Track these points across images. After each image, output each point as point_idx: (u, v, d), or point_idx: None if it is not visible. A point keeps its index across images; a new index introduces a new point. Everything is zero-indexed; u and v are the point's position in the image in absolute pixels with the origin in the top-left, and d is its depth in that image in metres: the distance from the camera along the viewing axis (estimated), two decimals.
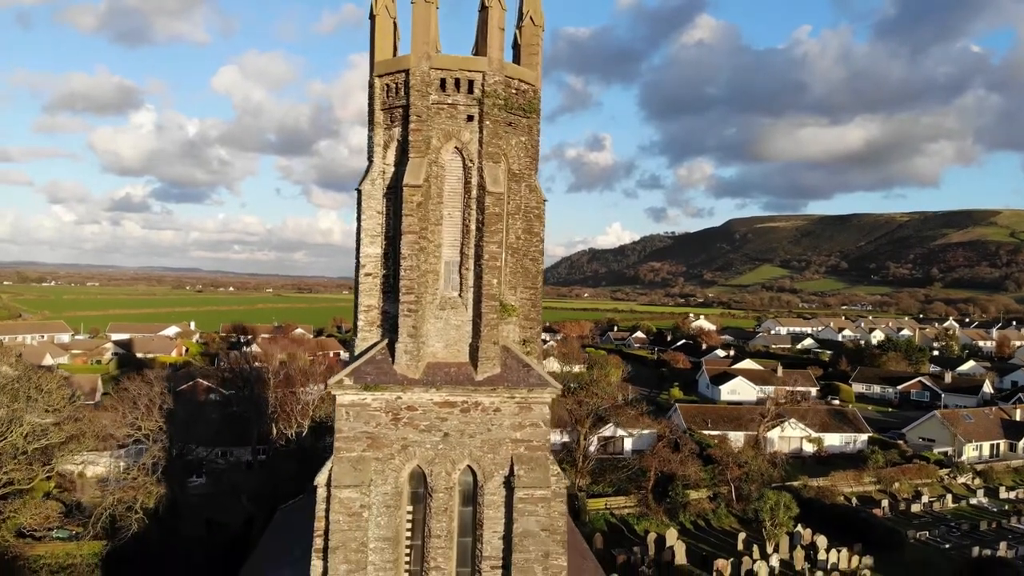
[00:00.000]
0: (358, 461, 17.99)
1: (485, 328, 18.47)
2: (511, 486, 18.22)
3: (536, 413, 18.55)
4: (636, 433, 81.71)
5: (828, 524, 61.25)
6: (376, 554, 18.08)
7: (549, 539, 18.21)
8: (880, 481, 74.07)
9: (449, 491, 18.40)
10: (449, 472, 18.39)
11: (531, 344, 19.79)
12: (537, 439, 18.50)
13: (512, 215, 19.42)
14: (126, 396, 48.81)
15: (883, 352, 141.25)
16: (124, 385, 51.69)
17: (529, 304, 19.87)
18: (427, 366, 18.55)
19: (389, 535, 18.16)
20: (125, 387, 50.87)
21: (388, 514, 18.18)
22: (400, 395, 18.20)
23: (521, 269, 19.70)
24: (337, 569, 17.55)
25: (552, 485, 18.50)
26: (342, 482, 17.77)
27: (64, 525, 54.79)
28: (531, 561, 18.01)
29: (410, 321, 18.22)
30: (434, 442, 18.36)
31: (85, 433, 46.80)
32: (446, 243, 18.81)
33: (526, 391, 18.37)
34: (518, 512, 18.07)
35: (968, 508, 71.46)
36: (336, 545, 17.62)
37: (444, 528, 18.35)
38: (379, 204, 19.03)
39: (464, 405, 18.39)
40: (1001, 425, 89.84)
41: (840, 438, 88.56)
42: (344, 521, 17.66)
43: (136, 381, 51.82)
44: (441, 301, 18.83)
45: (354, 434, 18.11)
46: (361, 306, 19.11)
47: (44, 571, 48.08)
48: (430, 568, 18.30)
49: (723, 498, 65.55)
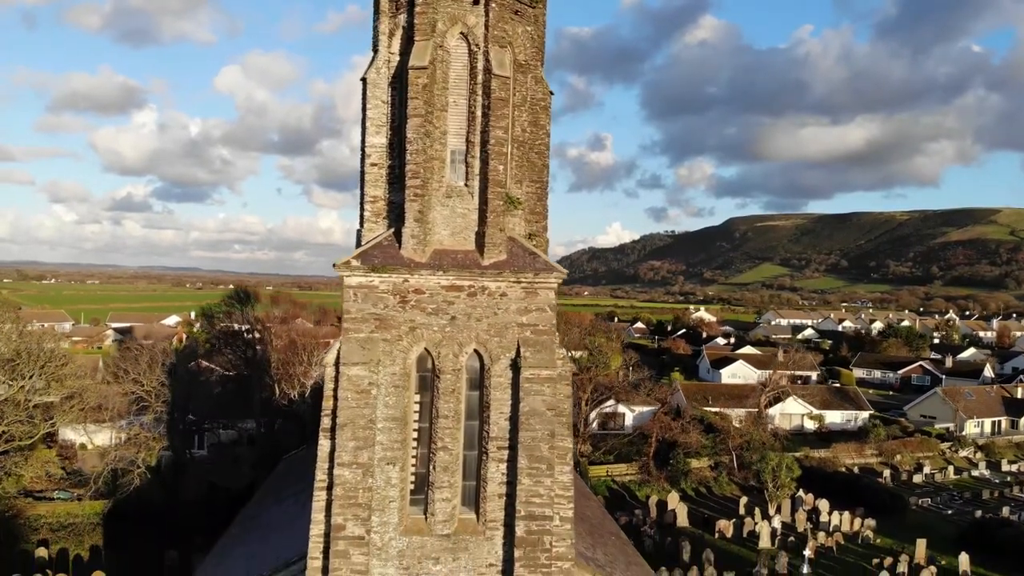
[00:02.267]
0: (366, 341, 18.14)
1: (491, 215, 18.61)
2: (517, 367, 18.37)
3: (542, 298, 18.69)
4: (637, 410, 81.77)
5: (830, 491, 61.47)
6: (384, 434, 18.20)
7: (555, 419, 18.35)
8: (882, 454, 74.30)
9: (456, 373, 18.55)
10: (456, 354, 18.54)
11: (537, 238, 19.92)
12: (543, 323, 18.64)
13: (518, 107, 19.57)
14: (128, 354, 48.96)
15: (884, 339, 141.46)
16: (127, 344, 51.91)
17: (535, 198, 20.01)
18: (433, 252, 18.70)
19: (397, 415, 18.30)
20: (127, 346, 51.05)
21: (396, 394, 18.31)
22: (407, 278, 18.33)
23: (527, 163, 19.84)
24: (345, 446, 17.69)
25: (558, 368, 18.64)
26: (350, 360, 17.91)
27: (65, 487, 54.96)
28: (537, 440, 18.13)
29: (416, 206, 18.35)
30: (441, 325, 18.50)
31: (87, 390, 46.92)
32: (451, 131, 18.95)
33: (532, 275, 18.51)
34: (524, 392, 18.21)
35: (970, 480, 71.61)
36: (344, 422, 17.76)
37: (451, 409, 18.50)
38: (384, 94, 19.16)
39: (471, 289, 18.54)
40: (1002, 402, 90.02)
41: (841, 415, 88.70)
42: (352, 398, 17.80)
43: (137, 342, 51.96)
44: (447, 189, 18.97)
45: (362, 315, 18.25)
46: (367, 197, 19.24)
47: (45, 529, 48.23)
48: (437, 449, 18.44)
49: (724, 467, 65.73)
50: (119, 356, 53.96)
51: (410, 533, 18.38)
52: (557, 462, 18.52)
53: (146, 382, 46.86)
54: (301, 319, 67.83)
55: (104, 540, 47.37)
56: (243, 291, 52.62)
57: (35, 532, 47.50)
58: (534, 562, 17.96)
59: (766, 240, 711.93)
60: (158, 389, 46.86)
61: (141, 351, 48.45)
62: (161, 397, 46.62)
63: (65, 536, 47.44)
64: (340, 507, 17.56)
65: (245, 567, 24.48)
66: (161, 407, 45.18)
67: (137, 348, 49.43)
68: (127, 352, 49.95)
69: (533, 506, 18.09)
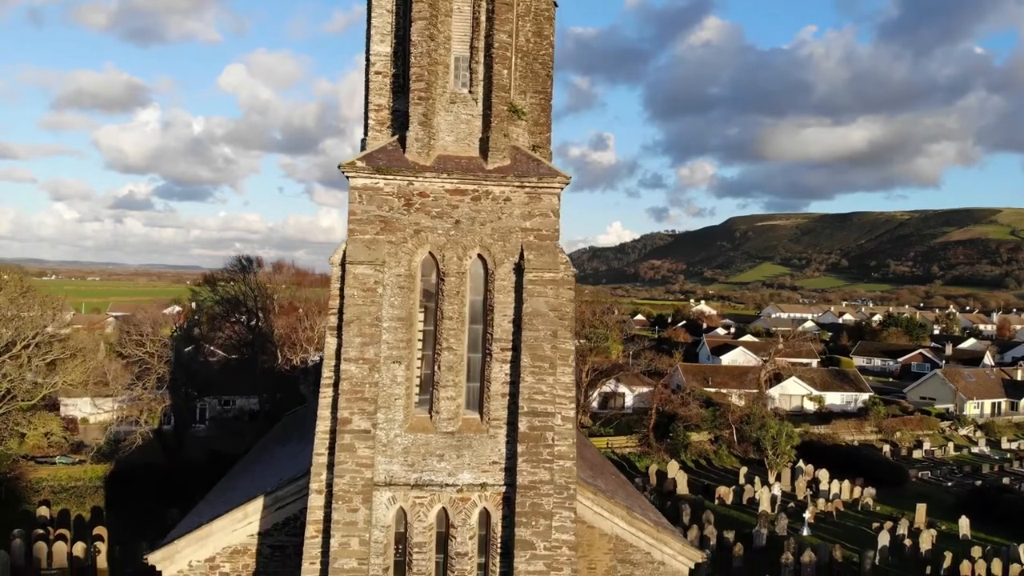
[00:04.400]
0: (371, 242, 18.38)
1: (495, 119, 18.84)
2: (521, 270, 18.61)
3: (546, 203, 18.93)
4: (637, 391, 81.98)
5: (830, 463, 61.64)
6: (389, 333, 18.45)
7: (558, 320, 18.60)
8: (881, 431, 74.51)
9: (460, 276, 18.80)
10: (460, 258, 18.78)
11: (541, 150, 20.16)
12: (547, 228, 18.88)
13: (521, 17, 19.81)
14: (130, 320, 49.16)
15: (884, 328, 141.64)
16: (131, 314, 52.18)
17: (539, 109, 20.26)
18: (437, 158, 18.95)
19: (402, 315, 18.56)
20: (132, 314, 51.34)
21: (401, 295, 18.57)
22: (411, 180, 18.58)
23: (531, 73, 20.09)
24: (351, 342, 17.93)
25: (561, 271, 18.87)
26: (356, 258, 18.16)
27: (67, 453, 55.14)
28: (540, 340, 18.38)
29: (420, 109, 18.59)
30: (446, 228, 18.74)
31: (87, 348, 47.09)
32: (455, 37, 19.19)
33: (536, 179, 18.75)
34: (528, 293, 18.47)
35: (970, 456, 71.74)
36: (351, 319, 18.00)
37: (456, 311, 18.74)
38: (389, 2, 19.41)
39: (475, 193, 18.78)
40: (1002, 384, 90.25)
41: (841, 397, 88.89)
42: (358, 296, 18.04)
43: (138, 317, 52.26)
44: (451, 95, 19.21)
45: (367, 217, 18.49)
46: (371, 105, 19.46)
47: (47, 491, 48.37)
48: (442, 349, 18.68)
49: (724, 440, 65.92)
50: (122, 322, 54.18)
51: (415, 431, 18.62)
52: (559, 363, 18.77)
53: (149, 345, 47.08)
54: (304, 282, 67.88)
55: (106, 502, 47.58)
56: (246, 258, 52.76)
57: (36, 494, 47.68)
58: (536, 457, 18.20)
59: (767, 239, 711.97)
60: (160, 351, 47.11)
61: (145, 315, 48.67)
62: (163, 358, 46.85)
63: (67, 498, 47.60)
64: (346, 401, 17.80)
65: (247, 492, 24.70)
66: (163, 368, 45.41)
67: (141, 315, 49.62)
68: (129, 320, 50.19)
69: (535, 403, 18.33)
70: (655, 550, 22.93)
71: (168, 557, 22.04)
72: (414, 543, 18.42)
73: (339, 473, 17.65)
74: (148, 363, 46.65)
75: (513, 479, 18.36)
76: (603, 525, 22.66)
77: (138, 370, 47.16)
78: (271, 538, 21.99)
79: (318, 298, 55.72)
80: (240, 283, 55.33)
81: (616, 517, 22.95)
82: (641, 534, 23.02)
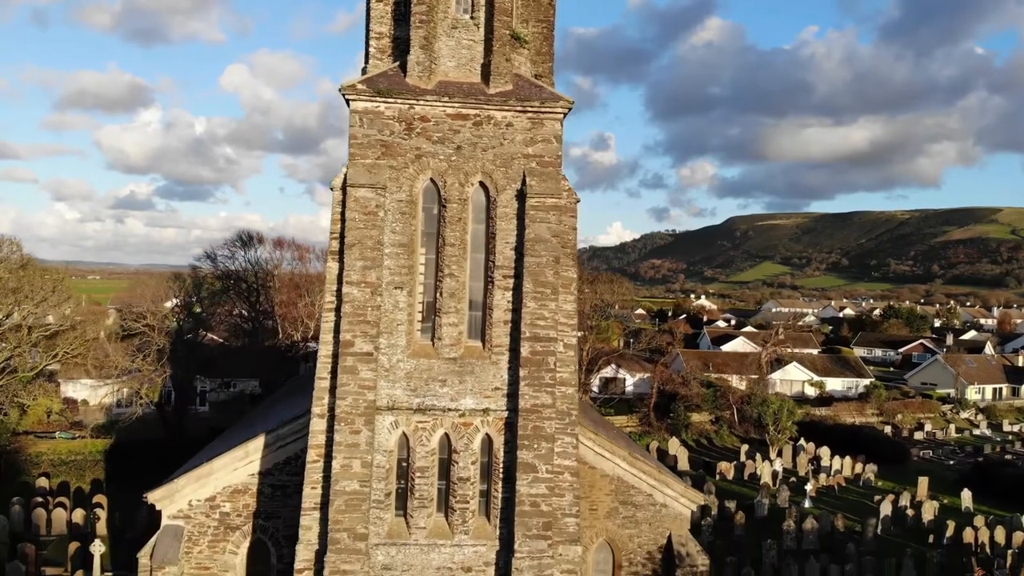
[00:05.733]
0: (372, 167, 18.29)
1: (497, 43, 18.75)
2: (523, 196, 18.50)
3: (548, 129, 18.83)
4: (637, 376, 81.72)
5: (831, 442, 61.30)
6: (391, 259, 18.35)
7: (560, 248, 18.52)
8: (882, 413, 74.19)
9: (462, 203, 18.71)
10: (462, 184, 18.69)
11: (544, 79, 20.05)
12: (549, 155, 18.79)
13: None
14: (131, 293, 49.01)
15: (884, 320, 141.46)
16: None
17: (541, 39, 20.17)
18: (439, 82, 18.86)
19: (404, 241, 18.47)
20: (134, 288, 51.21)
21: (403, 221, 18.48)
22: (412, 104, 18.48)
23: (533, 1, 19.98)
24: (353, 265, 17.83)
25: (563, 198, 18.78)
26: (357, 181, 18.07)
27: (67, 429, 54.97)
28: (542, 265, 18.28)
29: (421, 32, 18.50)
30: (447, 154, 18.64)
31: (86, 322, 46.92)
32: None
33: (538, 104, 18.66)
34: (530, 219, 18.37)
35: (971, 438, 71.53)
36: (352, 242, 17.89)
37: (458, 238, 18.65)
38: None
39: (476, 118, 18.69)
40: (1003, 370, 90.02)
41: (842, 382, 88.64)
42: (360, 219, 17.94)
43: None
44: (452, 21, 19.13)
45: (368, 141, 18.39)
46: (372, 33, 19.37)
47: (46, 464, 48.20)
48: (444, 276, 18.59)
49: (725, 420, 65.74)
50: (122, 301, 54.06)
51: (417, 356, 18.53)
52: (562, 290, 18.68)
53: (149, 317, 46.92)
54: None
55: (106, 475, 47.42)
56: (246, 233, 52.68)
57: (36, 467, 47.53)
58: (538, 382, 18.10)
59: (767, 239, 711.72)
60: (160, 324, 46.95)
61: (145, 290, 48.57)
62: (164, 331, 46.69)
63: (66, 471, 47.41)
64: (348, 324, 17.70)
65: (248, 435, 24.59)
66: (164, 340, 45.26)
67: (141, 289, 49.53)
68: (131, 293, 50.04)
69: (537, 328, 18.24)
70: (657, 492, 22.85)
71: (168, 496, 21.95)
72: (416, 468, 18.33)
73: (341, 395, 17.56)
74: (148, 335, 46.51)
75: (515, 404, 18.27)
76: (604, 466, 22.58)
77: (139, 342, 46.98)
78: (272, 477, 21.90)
79: (319, 273, 55.59)
80: (240, 259, 55.16)
81: (617, 458, 22.87)
82: (643, 475, 22.93)
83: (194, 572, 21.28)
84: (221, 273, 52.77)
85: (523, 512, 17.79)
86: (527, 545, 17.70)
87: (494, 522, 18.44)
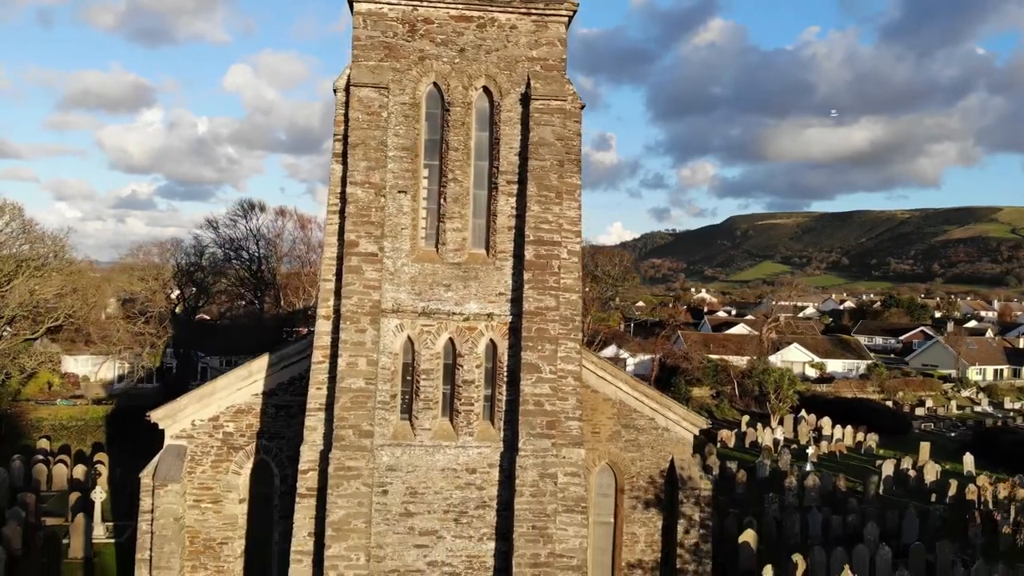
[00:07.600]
0: (375, 68, 18.24)
1: None
2: (528, 99, 18.46)
3: (552, 32, 18.78)
4: (638, 358, 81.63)
5: (833, 414, 61.23)
6: (395, 163, 18.31)
7: (564, 152, 18.46)
8: (884, 391, 74.10)
9: (466, 107, 18.66)
10: (466, 87, 18.64)
11: None
12: (553, 58, 18.74)
13: None
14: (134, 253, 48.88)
15: (885, 309, 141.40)
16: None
17: None
18: None
19: (408, 145, 18.42)
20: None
21: (406, 124, 18.43)
22: (416, 5, 18.44)
23: None
24: (357, 166, 17.78)
25: (569, 101, 18.73)
26: (360, 81, 18.02)
27: (67, 397, 54.96)
28: (547, 169, 18.24)
29: None
30: (451, 56, 18.60)
31: (84, 287, 46.74)
32: None
33: (542, 5, 18.61)
34: (534, 122, 18.33)
35: (972, 414, 71.46)
36: (356, 142, 17.86)
37: (461, 143, 18.61)
38: None
39: (480, 20, 18.64)
40: (1004, 352, 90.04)
41: (843, 364, 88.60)
42: (363, 119, 17.90)
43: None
44: None
45: (371, 43, 18.35)
46: None
47: (47, 428, 48.15)
48: (448, 181, 18.56)
49: (726, 395, 65.77)
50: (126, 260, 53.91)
51: (422, 260, 18.48)
52: (566, 196, 18.63)
53: (152, 282, 46.81)
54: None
55: (107, 438, 47.35)
56: (248, 201, 52.49)
57: (37, 431, 47.50)
58: (542, 285, 18.05)
59: (767, 238, 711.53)
60: (162, 289, 46.84)
61: (147, 256, 48.52)
62: (166, 294, 46.60)
63: (68, 435, 47.35)
64: (353, 224, 17.65)
65: None
66: (165, 304, 45.16)
67: (143, 254, 49.50)
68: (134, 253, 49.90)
69: (541, 232, 18.19)
70: (659, 416, 22.79)
71: (170, 415, 21.92)
72: (421, 371, 18.28)
73: (347, 295, 17.50)
74: (150, 300, 46.45)
75: (519, 309, 18.22)
76: (607, 390, 22.52)
77: (140, 304, 46.89)
78: (275, 398, 21.84)
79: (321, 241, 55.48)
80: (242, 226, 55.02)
81: (619, 381, 22.84)
82: (645, 399, 22.89)
83: (197, 492, 21.23)
84: (223, 241, 52.76)
85: (527, 411, 17.74)
86: (531, 443, 17.65)
87: (498, 425, 18.40)
